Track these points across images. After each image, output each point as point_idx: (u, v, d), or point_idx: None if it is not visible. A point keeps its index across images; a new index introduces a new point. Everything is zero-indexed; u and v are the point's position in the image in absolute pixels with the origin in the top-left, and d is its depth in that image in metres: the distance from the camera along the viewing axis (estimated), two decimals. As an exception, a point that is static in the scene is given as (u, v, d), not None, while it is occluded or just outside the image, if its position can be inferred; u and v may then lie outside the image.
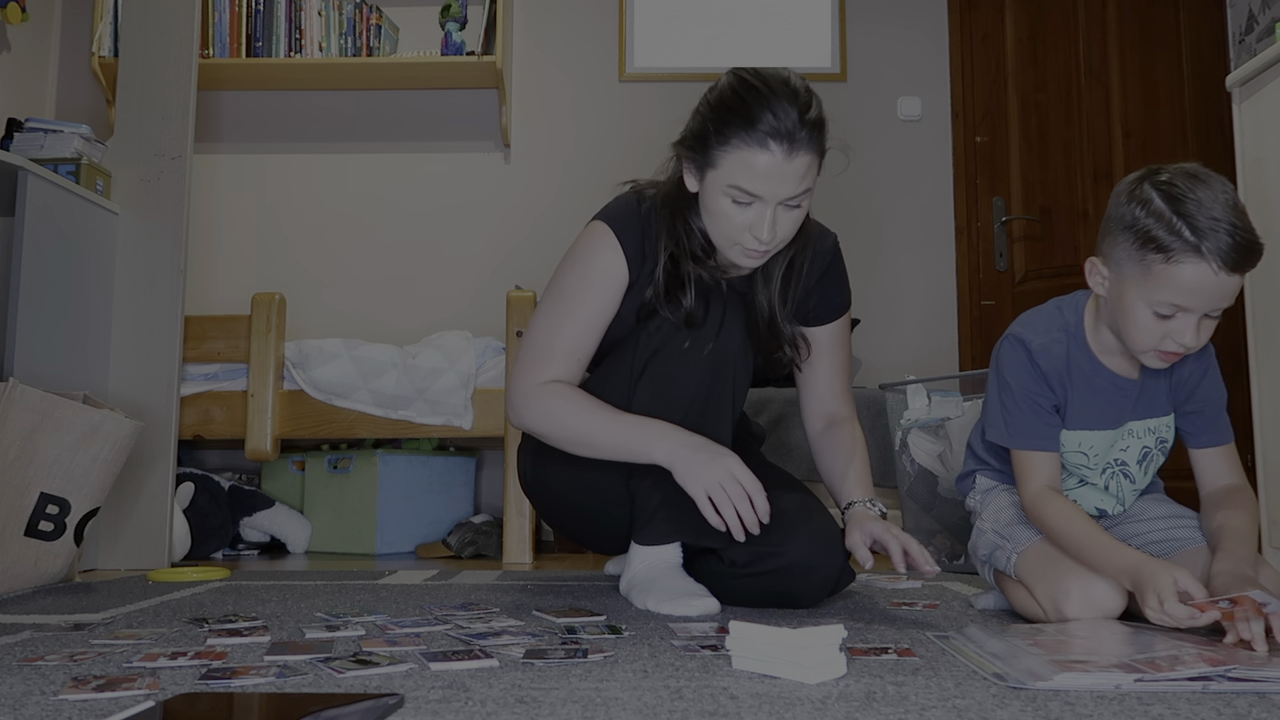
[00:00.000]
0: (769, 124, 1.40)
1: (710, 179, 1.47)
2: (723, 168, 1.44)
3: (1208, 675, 0.95)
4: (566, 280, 1.60)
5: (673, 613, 1.46)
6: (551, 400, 1.52)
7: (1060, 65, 3.53)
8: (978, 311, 3.44)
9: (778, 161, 1.41)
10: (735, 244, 1.50)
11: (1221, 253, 1.24)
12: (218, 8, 3.30)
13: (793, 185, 1.43)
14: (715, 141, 1.44)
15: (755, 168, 1.42)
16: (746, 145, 1.41)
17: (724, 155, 1.44)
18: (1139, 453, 1.49)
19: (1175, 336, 1.30)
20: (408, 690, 0.94)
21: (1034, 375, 1.43)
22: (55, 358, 2.23)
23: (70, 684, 0.96)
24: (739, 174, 1.43)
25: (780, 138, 1.40)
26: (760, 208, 1.45)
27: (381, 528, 2.92)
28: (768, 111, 1.41)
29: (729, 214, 1.47)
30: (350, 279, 3.47)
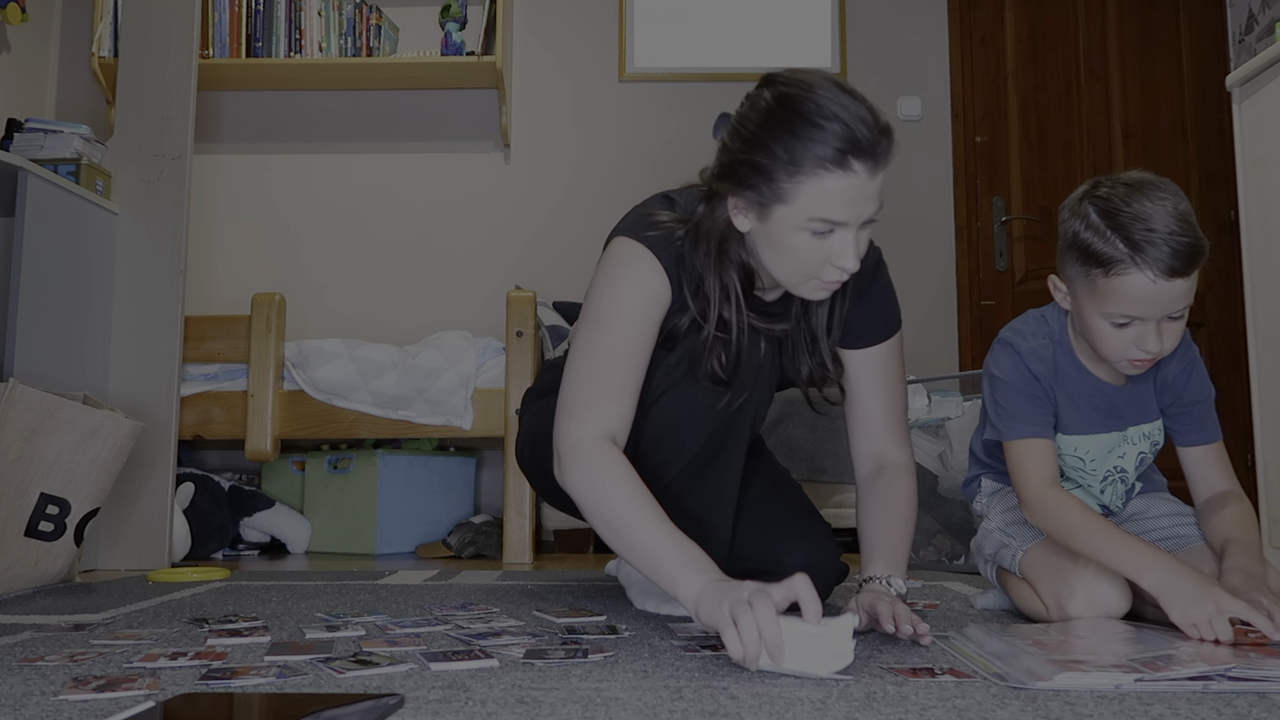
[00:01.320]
0: (846, 140, 1.22)
1: (780, 216, 1.26)
2: (799, 201, 1.24)
3: (1208, 675, 0.95)
4: (605, 304, 1.37)
5: (673, 613, 1.46)
6: (600, 470, 1.27)
7: (1060, 65, 3.53)
8: (978, 311, 3.44)
9: (862, 181, 1.23)
10: (811, 279, 1.31)
11: (1158, 261, 1.25)
12: (218, 8, 3.30)
13: (875, 202, 1.27)
14: (785, 174, 1.24)
15: (838, 194, 1.23)
16: (826, 170, 1.22)
17: (799, 187, 1.23)
18: (1136, 459, 1.50)
19: (1139, 344, 1.31)
20: (408, 690, 0.94)
21: (1026, 374, 1.43)
22: (55, 358, 2.23)
23: (70, 684, 0.96)
24: (820, 204, 1.23)
25: (862, 153, 1.22)
26: (843, 234, 1.26)
27: (381, 528, 2.92)
28: (840, 124, 1.22)
29: (807, 249, 1.27)
30: (350, 279, 3.47)
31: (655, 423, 1.42)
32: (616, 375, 1.34)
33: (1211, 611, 1.16)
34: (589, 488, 1.27)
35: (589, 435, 1.30)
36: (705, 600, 1.09)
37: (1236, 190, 2.30)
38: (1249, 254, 2.26)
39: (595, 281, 1.41)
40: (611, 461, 1.28)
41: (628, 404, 1.35)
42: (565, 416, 1.33)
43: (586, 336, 1.37)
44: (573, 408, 1.33)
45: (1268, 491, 2.18)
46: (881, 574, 1.36)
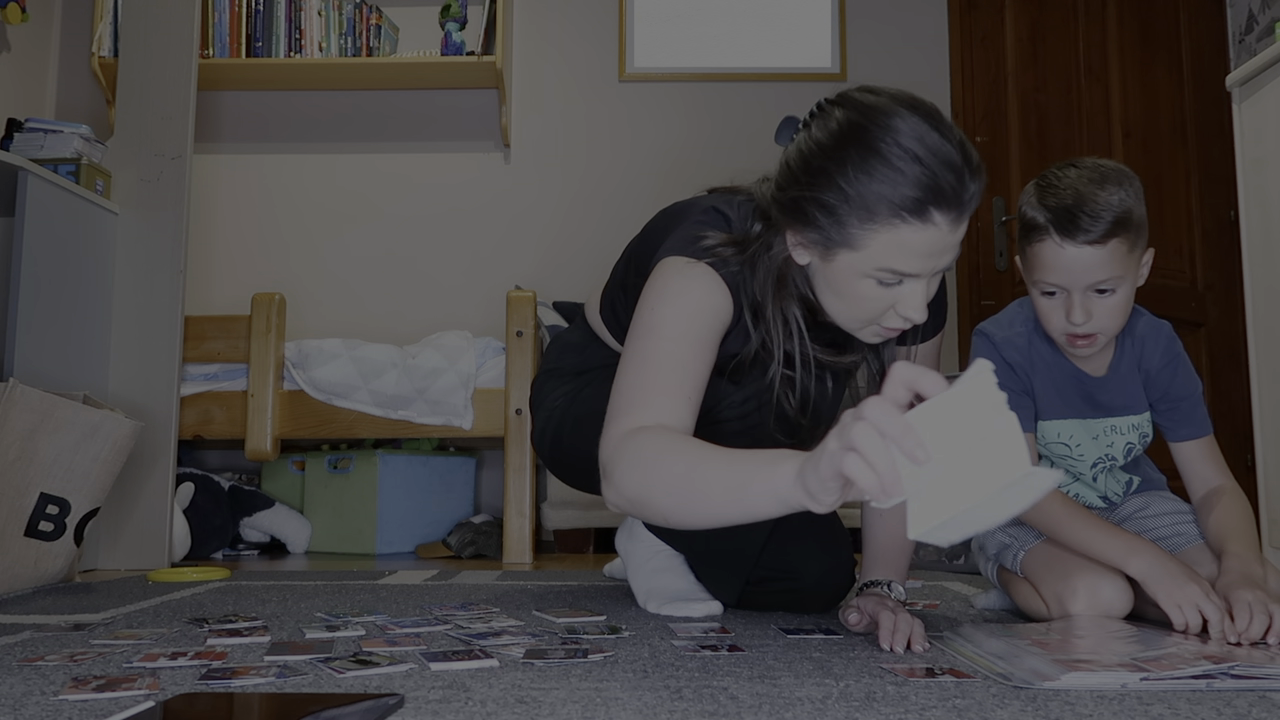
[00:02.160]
0: (929, 189, 1.07)
1: (846, 261, 1.14)
2: (868, 249, 1.11)
3: (1211, 673, 0.95)
4: (656, 313, 1.22)
5: (674, 614, 1.46)
6: (640, 447, 1.09)
7: (1060, 65, 3.53)
8: (978, 311, 3.44)
9: (943, 234, 1.09)
10: (872, 324, 1.20)
11: (1063, 226, 1.31)
12: (218, 8, 3.30)
13: (953, 253, 1.13)
14: (855, 219, 1.10)
15: (913, 246, 1.09)
16: (903, 221, 1.08)
17: (869, 235, 1.10)
18: (1124, 449, 1.50)
19: (1068, 316, 1.35)
20: (408, 690, 0.94)
21: (1001, 363, 1.45)
22: (55, 358, 2.23)
23: (70, 684, 0.96)
24: (892, 256, 1.10)
25: (946, 204, 1.07)
26: (913, 285, 1.14)
27: (381, 528, 2.92)
28: (923, 169, 1.07)
29: (872, 297, 1.16)
30: (350, 279, 3.47)
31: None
32: (672, 376, 1.17)
33: (1198, 594, 1.20)
34: (639, 471, 1.07)
35: (633, 429, 1.12)
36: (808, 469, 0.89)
37: (1236, 190, 2.30)
38: (1249, 254, 2.26)
39: (644, 297, 1.25)
40: (655, 435, 1.09)
41: (685, 404, 1.17)
42: (609, 424, 1.16)
43: (635, 348, 1.20)
44: (616, 413, 1.16)
45: (1268, 491, 2.18)
46: (882, 579, 1.34)
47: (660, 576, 1.54)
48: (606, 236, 3.27)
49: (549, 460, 1.62)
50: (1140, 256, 1.37)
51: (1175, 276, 3.46)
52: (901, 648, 1.16)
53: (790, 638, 1.26)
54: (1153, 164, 3.52)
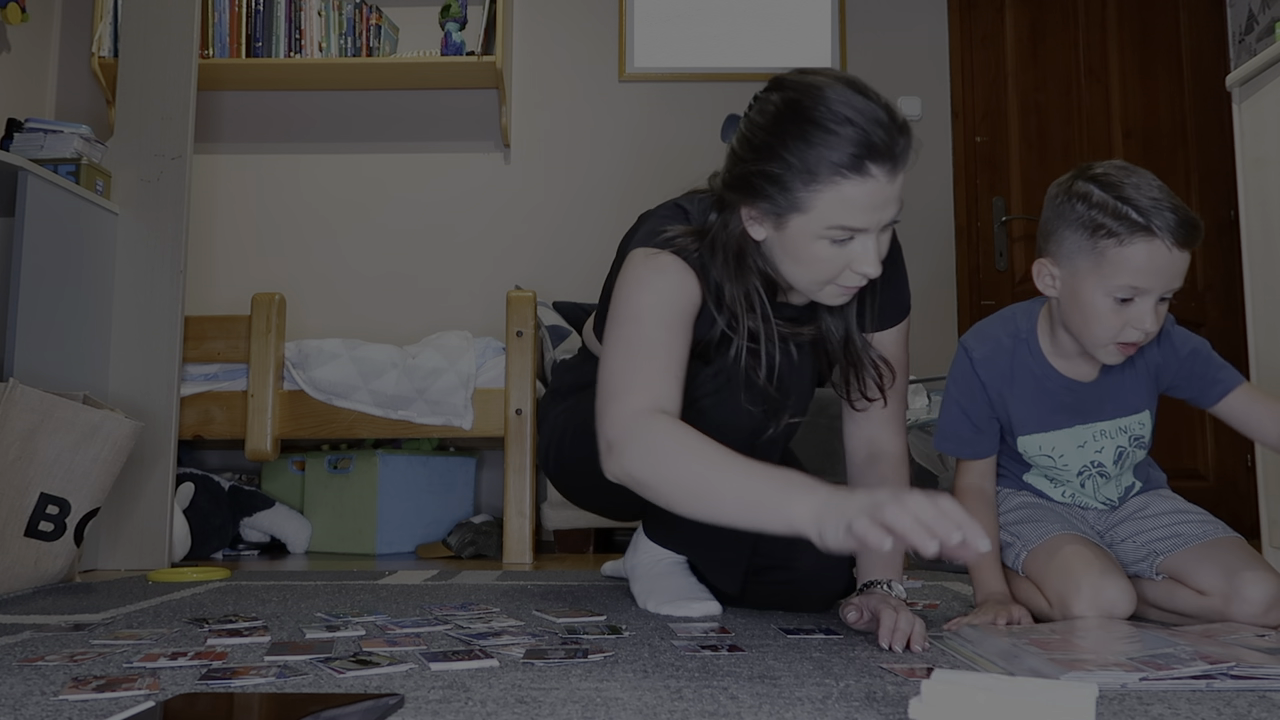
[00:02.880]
0: (864, 144, 1.17)
1: (797, 225, 1.23)
2: (815, 210, 1.20)
3: (1211, 673, 0.95)
4: (632, 302, 1.29)
5: (673, 613, 1.46)
6: (657, 436, 1.15)
7: (1060, 65, 3.53)
8: (978, 311, 3.44)
9: (881, 185, 1.18)
10: (830, 284, 1.28)
11: (1170, 229, 1.27)
12: (218, 8, 3.30)
13: (896, 204, 1.22)
14: (800, 183, 1.19)
15: (858, 201, 1.18)
16: (843, 177, 1.17)
17: (815, 196, 1.19)
18: (1114, 453, 1.48)
19: (1135, 324, 1.31)
20: (408, 690, 0.94)
21: (972, 384, 1.47)
22: (55, 358, 2.23)
23: (70, 684, 0.96)
24: (838, 212, 1.19)
25: (881, 158, 1.18)
26: (864, 240, 1.23)
27: (381, 528, 2.92)
28: (855, 128, 1.17)
29: (827, 257, 1.24)
30: (350, 279, 3.47)
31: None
32: (658, 360, 1.24)
33: None
34: (654, 459, 1.14)
35: (639, 410, 1.18)
36: (828, 514, 0.97)
37: (1236, 190, 2.30)
38: (1249, 254, 2.26)
39: (617, 288, 1.32)
40: (672, 427, 1.16)
41: (674, 385, 1.24)
42: (607, 404, 1.21)
43: (616, 334, 1.27)
44: (613, 394, 1.22)
45: (1267, 491, 2.18)
46: (881, 578, 1.34)
47: (661, 578, 1.55)
48: (606, 236, 3.26)
49: (554, 475, 1.65)
50: None
51: (1175, 276, 3.46)
52: (901, 647, 1.16)
53: (790, 638, 1.26)
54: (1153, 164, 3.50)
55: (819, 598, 1.51)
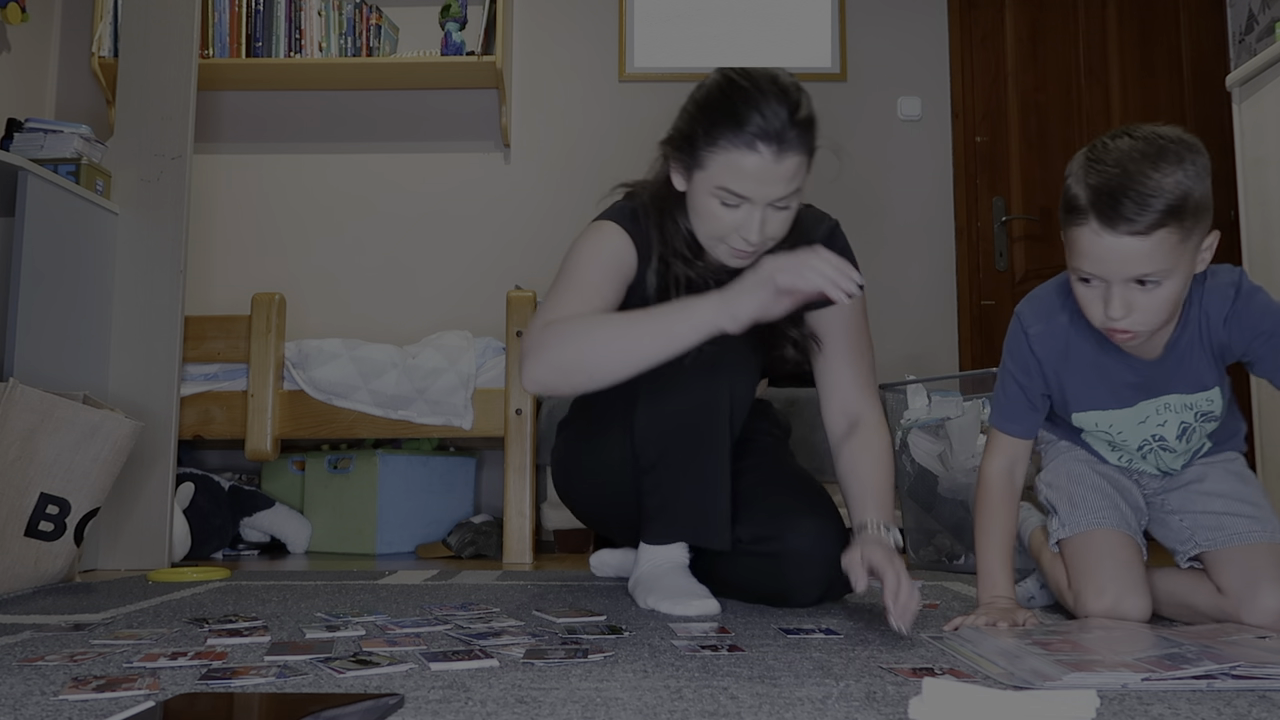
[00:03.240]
0: (757, 125, 1.36)
1: (698, 180, 1.43)
2: (710, 169, 1.40)
3: (1212, 674, 0.95)
4: (568, 264, 1.51)
5: (672, 612, 1.47)
6: (568, 326, 1.35)
7: (1060, 65, 3.53)
8: (978, 311, 3.44)
9: (767, 163, 1.37)
10: (722, 243, 1.46)
11: (1104, 212, 1.16)
12: (218, 8, 3.30)
13: (782, 186, 1.39)
14: (703, 143, 1.40)
15: (744, 170, 1.37)
16: (734, 147, 1.37)
17: (712, 157, 1.39)
18: (1177, 428, 1.39)
19: (1107, 310, 1.22)
20: (408, 690, 0.94)
21: (1028, 361, 1.39)
22: (55, 358, 2.23)
23: (70, 684, 0.96)
24: (727, 176, 1.39)
25: (769, 139, 1.36)
26: (749, 209, 1.40)
27: (381, 528, 2.92)
28: (756, 112, 1.36)
29: (717, 215, 1.43)
30: (350, 279, 3.47)
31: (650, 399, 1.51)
32: (582, 294, 1.44)
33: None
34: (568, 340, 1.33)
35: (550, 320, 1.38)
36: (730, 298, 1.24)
37: (1236, 190, 2.30)
38: (1249, 254, 2.26)
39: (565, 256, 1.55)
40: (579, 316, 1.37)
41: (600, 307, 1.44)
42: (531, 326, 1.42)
43: (557, 281, 1.50)
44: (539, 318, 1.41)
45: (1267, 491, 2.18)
46: (874, 519, 1.42)
47: (661, 579, 1.55)
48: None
49: (563, 495, 1.82)
50: (1198, 243, 1.19)
51: (1175, 276, 3.46)
52: (908, 627, 1.22)
53: (790, 638, 1.26)
54: (1153, 164, 3.51)
55: (804, 584, 1.52)
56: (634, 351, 1.30)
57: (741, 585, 1.59)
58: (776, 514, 1.54)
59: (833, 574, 1.51)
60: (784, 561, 1.51)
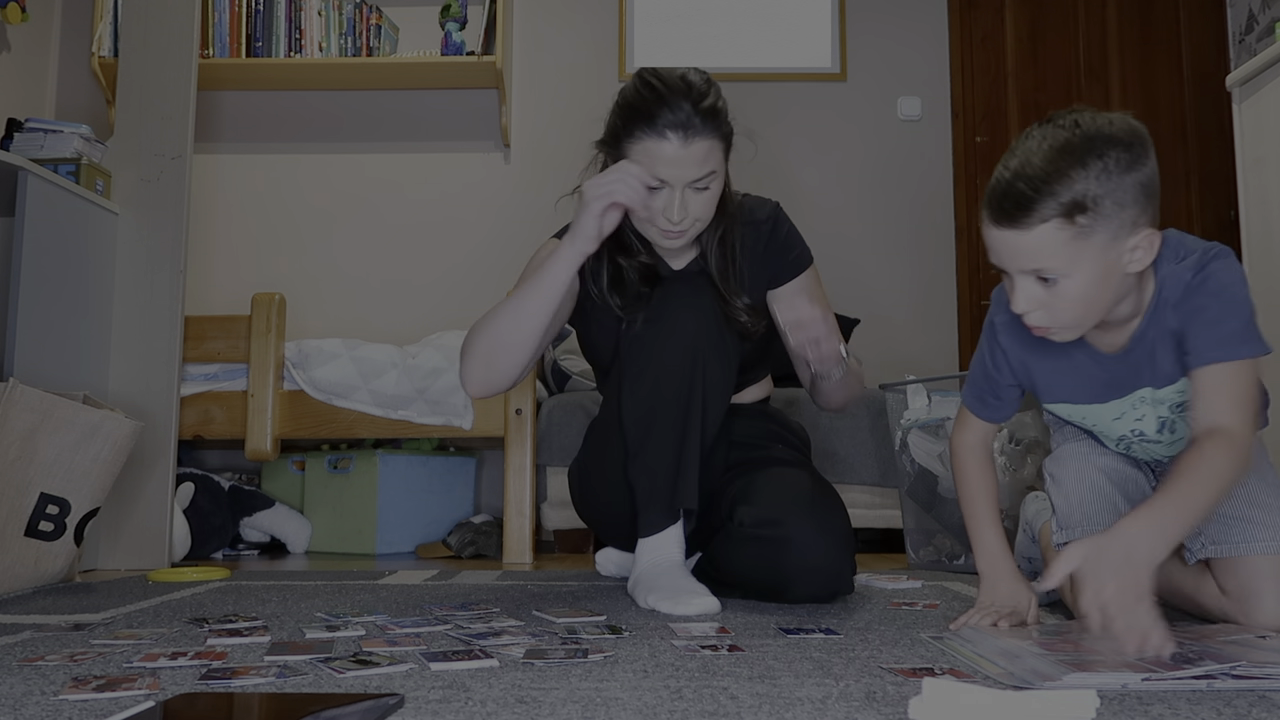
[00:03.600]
0: (666, 118, 1.54)
1: None
2: (630, 158, 1.58)
3: (1213, 673, 0.95)
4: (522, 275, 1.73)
5: (673, 611, 1.47)
6: (473, 327, 1.64)
7: (1060, 65, 3.53)
8: (978, 311, 3.44)
9: (677, 149, 1.54)
10: (653, 226, 1.62)
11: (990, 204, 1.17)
12: (218, 8, 3.30)
13: (694, 169, 1.56)
14: (624, 137, 1.59)
15: (658, 156, 1.55)
16: (648, 137, 1.55)
17: (631, 148, 1.58)
18: (1155, 423, 1.35)
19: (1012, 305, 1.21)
20: (408, 690, 0.94)
21: (995, 349, 1.38)
22: (55, 358, 2.23)
23: (70, 684, 0.96)
24: (643, 163, 1.56)
25: (676, 128, 1.54)
26: (669, 192, 1.57)
27: (381, 528, 2.91)
28: (665, 107, 1.55)
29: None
30: (350, 279, 3.47)
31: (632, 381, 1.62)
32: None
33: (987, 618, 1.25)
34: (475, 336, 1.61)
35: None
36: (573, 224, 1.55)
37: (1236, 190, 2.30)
38: (1249, 254, 2.26)
39: None
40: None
41: None
42: None
43: None
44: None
45: None
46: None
47: (660, 578, 1.55)
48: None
49: (580, 508, 1.92)
50: (1113, 242, 1.13)
51: (1175, 276, 3.46)
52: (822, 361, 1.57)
53: (790, 637, 1.26)
54: (1153, 164, 3.51)
55: (805, 575, 1.52)
56: (524, 309, 1.57)
57: (742, 575, 1.59)
58: (782, 500, 1.57)
59: (835, 568, 1.53)
60: (785, 548, 1.52)
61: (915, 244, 3.48)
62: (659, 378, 1.58)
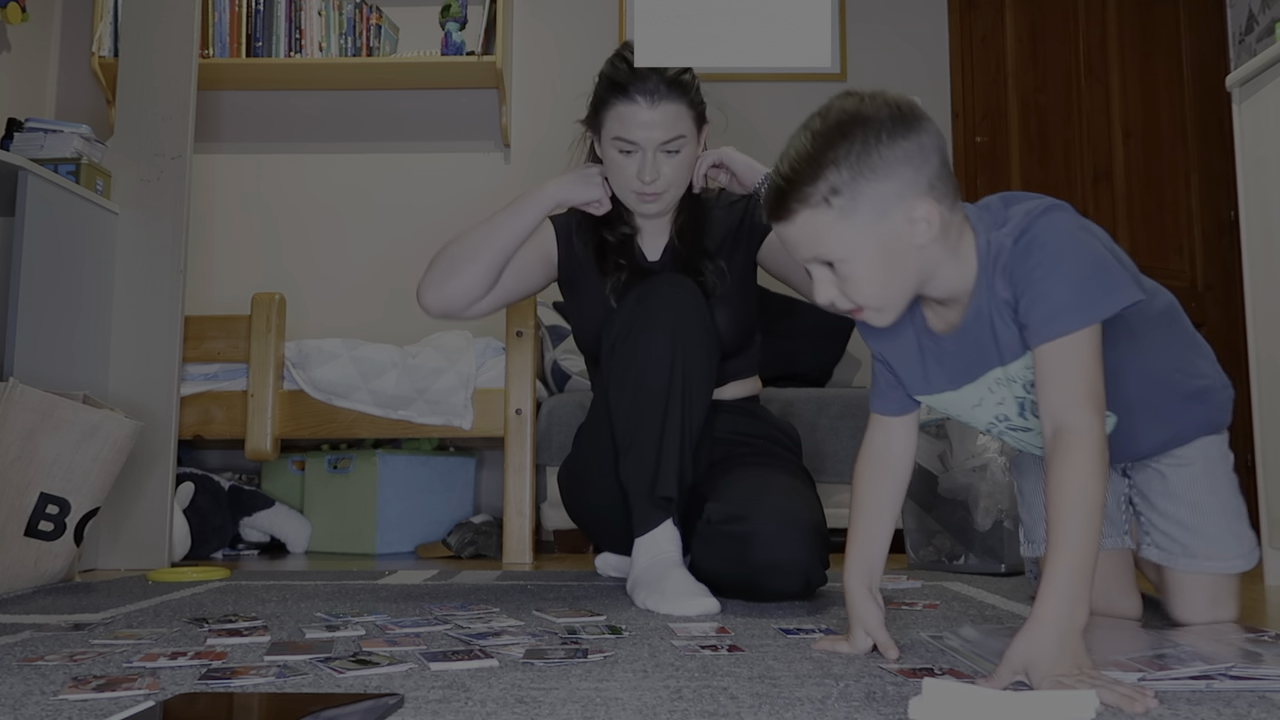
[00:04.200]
0: (636, 85, 1.69)
1: (603, 140, 1.76)
2: (607, 125, 1.73)
3: (1210, 674, 0.95)
4: None
5: (673, 612, 1.47)
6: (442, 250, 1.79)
7: (1060, 65, 3.53)
8: (978, 311, 3.44)
9: (643, 110, 1.69)
10: (630, 191, 1.75)
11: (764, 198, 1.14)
12: (218, 8, 3.30)
13: (662, 131, 1.69)
14: (600, 108, 1.75)
15: (627, 119, 1.70)
16: (619, 102, 1.70)
17: (606, 115, 1.73)
18: (1016, 405, 1.22)
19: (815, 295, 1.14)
20: (408, 690, 0.94)
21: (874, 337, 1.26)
22: (55, 358, 2.23)
23: (70, 684, 0.96)
24: (617, 126, 1.71)
25: (644, 92, 1.69)
26: (641, 154, 1.71)
27: (381, 528, 2.91)
28: (634, 75, 1.70)
29: (620, 164, 1.73)
30: (350, 279, 3.47)
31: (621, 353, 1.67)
32: None
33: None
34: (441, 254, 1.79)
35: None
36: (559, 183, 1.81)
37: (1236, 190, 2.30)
38: (1249, 254, 2.26)
39: None
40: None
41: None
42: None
43: None
44: None
45: (1267, 492, 2.18)
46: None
47: (660, 580, 1.55)
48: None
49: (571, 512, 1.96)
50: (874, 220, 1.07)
51: (1175, 276, 3.46)
52: None
53: (790, 637, 1.26)
54: (1153, 164, 3.52)
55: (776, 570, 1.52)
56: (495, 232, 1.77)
57: (715, 573, 1.59)
58: (749, 496, 1.59)
59: (800, 563, 1.53)
60: (752, 542, 1.53)
61: (915, 244, 3.48)
62: (640, 378, 1.62)
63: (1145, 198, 3.53)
